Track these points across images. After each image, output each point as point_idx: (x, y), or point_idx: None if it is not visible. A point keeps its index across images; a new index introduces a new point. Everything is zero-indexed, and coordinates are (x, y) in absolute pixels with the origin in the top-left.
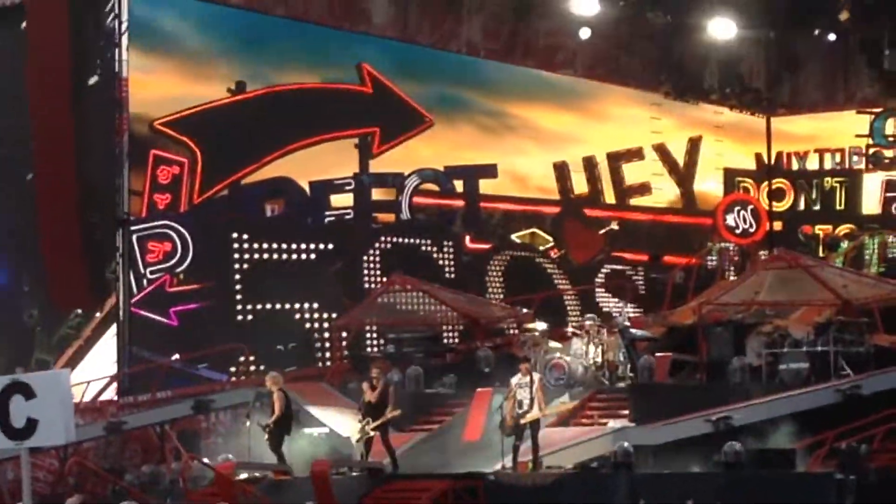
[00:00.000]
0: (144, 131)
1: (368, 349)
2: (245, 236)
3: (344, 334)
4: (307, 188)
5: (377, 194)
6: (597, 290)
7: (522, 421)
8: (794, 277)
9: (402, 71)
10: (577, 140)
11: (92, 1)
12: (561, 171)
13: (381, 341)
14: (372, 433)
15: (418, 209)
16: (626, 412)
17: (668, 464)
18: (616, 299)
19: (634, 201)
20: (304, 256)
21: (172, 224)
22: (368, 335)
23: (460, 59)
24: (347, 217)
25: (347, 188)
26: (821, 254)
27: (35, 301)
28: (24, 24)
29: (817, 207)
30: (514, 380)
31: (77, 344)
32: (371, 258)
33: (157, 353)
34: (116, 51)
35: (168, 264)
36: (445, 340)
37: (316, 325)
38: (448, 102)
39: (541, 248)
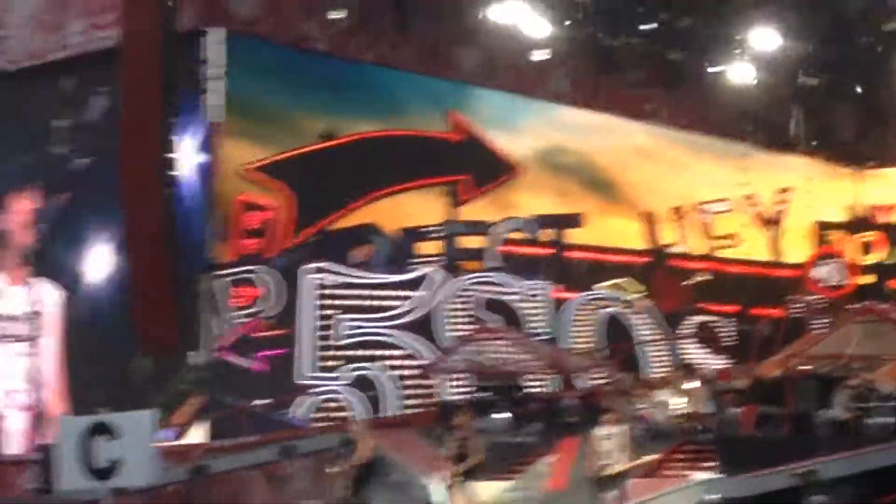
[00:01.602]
0: (234, 177)
1: (455, 397)
2: (333, 282)
3: (429, 382)
4: (395, 235)
5: (464, 242)
6: (683, 340)
7: (610, 472)
8: (884, 331)
9: (489, 118)
10: (664, 191)
11: (182, 46)
12: (649, 220)
13: (468, 389)
14: (456, 479)
15: (505, 258)
16: (711, 464)
17: None
18: (702, 350)
19: (722, 252)
20: (389, 303)
21: (260, 269)
22: (454, 383)
23: (546, 107)
24: (434, 264)
25: (434, 236)
26: None
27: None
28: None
29: None
30: (600, 430)
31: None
32: (458, 306)
33: (243, 399)
34: (205, 97)
35: (255, 309)
36: (531, 389)
37: (403, 372)
38: (536, 151)
39: (627, 297)
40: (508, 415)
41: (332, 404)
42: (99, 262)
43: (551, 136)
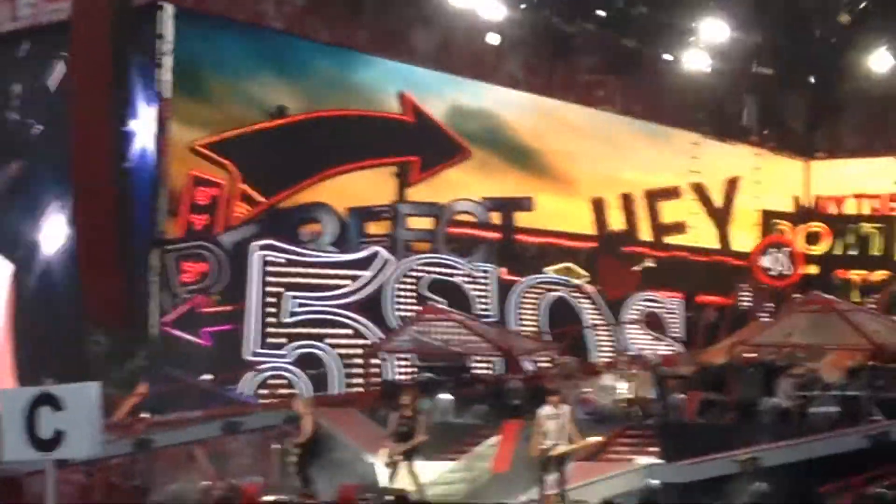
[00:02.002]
0: (184, 152)
1: (399, 377)
2: (280, 260)
3: (375, 361)
4: (344, 214)
5: (413, 223)
6: (629, 326)
7: (552, 453)
8: (828, 321)
9: (441, 101)
10: (614, 177)
11: (134, 21)
12: (598, 206)
13: (413, 370)
14: (399, 458)
15: (454, 239)
16: (654, 449)
17: (694, 502)
18: (648, 336)
19: (670, 239)
20: (338, 282)
21: (208, 245)
22: (400, 363)
23: (500, 92)
24: (383, 245)
25: (385, 216)
26: (855, 298)
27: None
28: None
29: (854, 252)
30: (543, 411)
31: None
32: (405, 286)
33: (188, 373)
34: (158, 71)
35: (202, 285)
36: (476, 371)
37: (348, 350)
38: (487, 135)
39: (575, 282)
40: (453, 396)
41: (278, 381)
42: (51, 233)
43: (503, 119)
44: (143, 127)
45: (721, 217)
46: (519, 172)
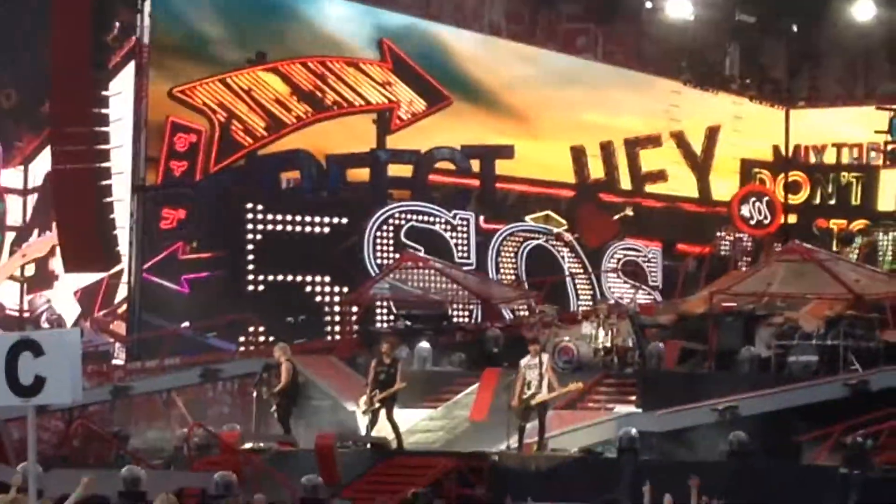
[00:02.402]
0: (163, 98)
1: (378, 325)
2: (259, 207)
3: (354, 309)
4: (323, 162)
5: (393, 170)
6: (608, 275)
7: (533, 402)
8: (807, 271)
9: (423, 48)
10: (594, 125)
11: None
12: (578, 155)
13: (392, 317)
14: (378, 406)
15: (434, 187)
16: (634, 398)
17: (673, 451)
18: (627, 285)
19: (650, 188)
20: (317, 230)
21: (187, 192)
22: (379, 311)
23: (482, 40)
24: (362, 192)
25: (364, 163)
26: (834, 248)
27: None
28: None
29: (833, 202)
30: (524, 361)
31: None
32: (385, 234)
33: (167, 321)
34: (138, 17)
35: (182, 232)
36: (455, 319)
37: (327, 298)
38: (468, 82)
39: (554, 230)
40: (432, 344)
41: (257, 329)
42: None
43: (484, 67)
44: (122, 73)
45: (701, 166)
46: (499, 120)
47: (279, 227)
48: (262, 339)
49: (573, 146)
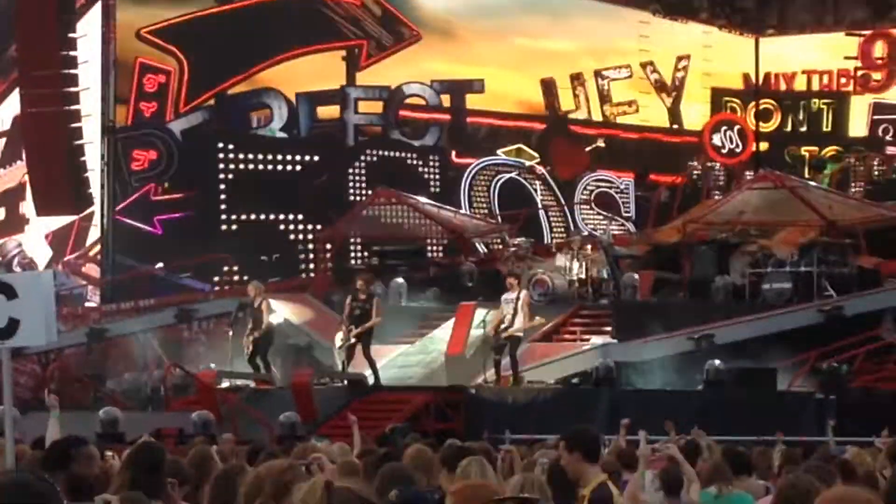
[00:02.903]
0: (131, 39)
1: (352, 262)
2: (230, 146)
3: (328, 246)
4: (294, 99)
5: (363, 107)
6: (581, 206)
7: (504, 336)
8: (780, 198)
9: None
10: (564, 56)
11: None
12: (548, 87)
13: (366, 254)
14: (354, 341)
15: (405, 123)
16: (609, 329)
17: (649, 381)
18: (600, 216)
19: (621, 119)
20: (289, 168)
21: (158, 132)
22: (353, 248)
23: None
24: (333, 129)
25: (334, 100)
26: (806, 175)
27: None
28: None
29: (804, 129)
30: (504, 296)
31: None
32: (357, 171)
33: (141, 262)
34: None
35: (153, 172)
36: (429, 254)
37: (300, 236)
38: (436, 17)
39: (526, 163)
40: (406, 280)
41: (231, 268)
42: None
43: (452, 1)
44: (90, 15)
45: (671, 96)
46: (469, 54)
47: (251, 167)
48: (236, 278)
49: (543, 79)
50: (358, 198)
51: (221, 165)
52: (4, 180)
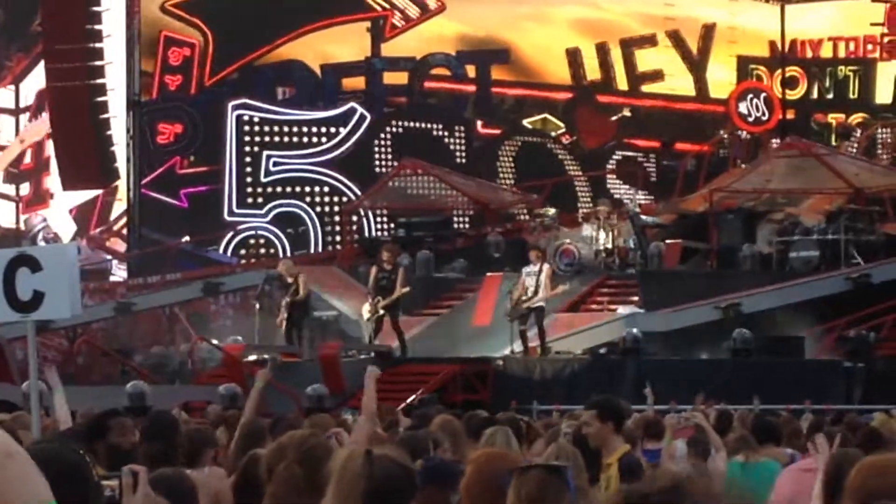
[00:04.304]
0: (155, 12)
1: (379, 233)
2: (256, 119)
3: (354, 218)
4: (318, 71)
5: (388, 78)
6: (608, 176)
7: (525, 306)
8: (807, 166)
9: None
10: (590, 26)
11: None
12: (573, 57)
13: (392, 225)
14: (382, 312)
15: (430, 94)
16: (636, 298)
17: (676, 350)
18: (627, 186)
19: (647, 88)
20: (314, 140)
21: (183, 106)
22: (379, 219)
23: None
24: (359, 101)
25: (359, 72)
26: (833, 142)
27: None
28: None
29: (830, 96)
30: (526, 269)
31: None
32: (382, 142)
33: (167, 236)
34: None
35: (179, 146)
36: (456, 225)
37: (326, 209)
38: None
39: (552, 133)
40: (433, 251)
41: (257, 241)
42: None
43: None
44: None
45: (697, 64)
46: (494, 25)
47: (276, 139)
48: (262, 251)
49: (568, 48)
50: (384, 169)
51: (247, 138)
52: (31, 133)
